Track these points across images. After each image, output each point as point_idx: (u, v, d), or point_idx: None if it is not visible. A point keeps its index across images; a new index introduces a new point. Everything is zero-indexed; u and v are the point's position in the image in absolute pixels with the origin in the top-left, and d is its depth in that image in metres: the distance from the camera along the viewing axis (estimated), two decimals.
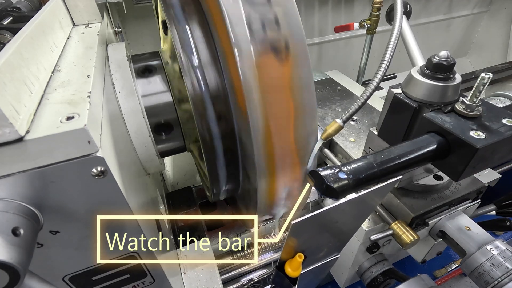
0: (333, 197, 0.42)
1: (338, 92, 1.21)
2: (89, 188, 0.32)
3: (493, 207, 0.97)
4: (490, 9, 2.05)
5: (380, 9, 1.26)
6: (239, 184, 0.57)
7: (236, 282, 0.95)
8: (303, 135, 0.43)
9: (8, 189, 0.28)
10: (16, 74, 0.29)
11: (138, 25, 1.24)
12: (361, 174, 0.42)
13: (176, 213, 0.92)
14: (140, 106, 0.51)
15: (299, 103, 0.41)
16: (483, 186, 0.78)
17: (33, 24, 0.37)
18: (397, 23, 0.41)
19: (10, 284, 0.24)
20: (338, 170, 0.43)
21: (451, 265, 1.12)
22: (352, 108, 0.39)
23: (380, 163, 0.43)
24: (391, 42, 0.38)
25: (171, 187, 1.10)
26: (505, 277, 0.63)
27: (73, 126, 0.28)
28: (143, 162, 0.56)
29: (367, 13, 1.31)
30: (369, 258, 0.84)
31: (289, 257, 0.48)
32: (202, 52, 0.47)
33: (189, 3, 0.49)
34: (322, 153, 0.96)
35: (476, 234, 0.72)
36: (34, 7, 0.63)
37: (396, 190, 0.76)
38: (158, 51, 0.61)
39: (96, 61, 0.42)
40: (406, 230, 0.70)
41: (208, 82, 0.47)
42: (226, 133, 0.49)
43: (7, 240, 0.25)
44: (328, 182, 0.42)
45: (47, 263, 0.36)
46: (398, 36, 0.39)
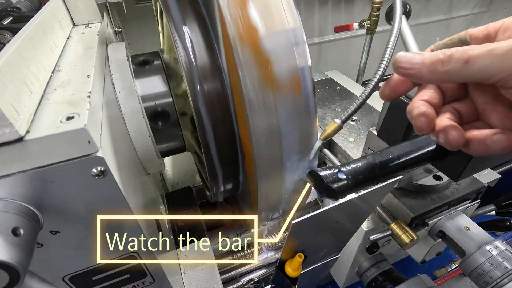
0: (332, 197, 0.42)
1: (337, 92, 1.21)
2: (89, 188, 0.32)
3: (492, 207, 0.97)
4: (490, 9, 2.06)
5: (380, 9, 1.26)
6: (239, 184, 0.57)
7: (236, 282, 0.95)
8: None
9: (8, 189, 0.28)
10: (16, 74, 0.29)
11: (138, 25, 1.24)
12: (361, 175, 0.42)
13: (176, 213, 0.92)
14: (140, 106, 0.51)
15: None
16: (483, 186, 0.78)
17: (33, 24, 0.37)
18: (396, 23, 0.41)
19: (10, 284, 0.24)
20: (338, 170, 0.43)
21: (451, 265, 1.12)
22: (351, 108, 0.38)
23: (380, 163, 0.43)
24: (390, 42, 0.38)
25: (171, 187, 1.10)
26: (505, 277, 0.63)
27: (73, 126, 0.28)
28: (143, 162, 0.56)
29: (367, 13, 1.31)
30: (368, 258, 0.85)
31: (289, 257, 0.48)
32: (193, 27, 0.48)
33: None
34: (321, 153, 0.96)
35: (476, 234, 0.72)
36: (34, 7, 0.63)
37: (396, 190, 0.76)
38: (158, 51, 0.62)
39: (96, 61, 0.42)
40: (405, 230, 0.70)
41: (202, 61, 0.47)
42: (222, 114, 0.48)
43: (7, 240, 0.25)
44: (327, 182, 0.42)
45: (47, 263, 0.36)
46: (397, 36, 0.39)
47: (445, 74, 0.29)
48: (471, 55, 0.27)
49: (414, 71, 0.31)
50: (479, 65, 0.27)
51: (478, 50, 0.27)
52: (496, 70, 0.27)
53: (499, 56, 0.26)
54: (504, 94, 0.30)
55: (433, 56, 0.30)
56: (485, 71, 0.27)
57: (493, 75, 0.27)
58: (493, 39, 0.31)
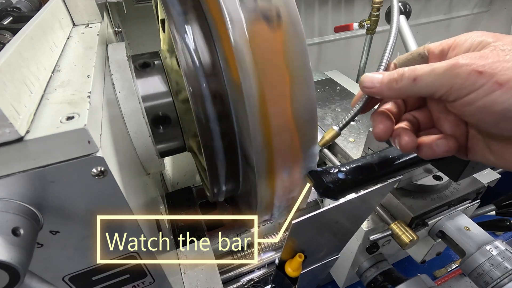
0: (332, 197, 0.42)
1: (337, 92, 1.21)
2: (89, 188, 0.32)
3: (492, 207, 0.97)
4: (490, 9, 2.05)
5: (380, 9, 1.26)
6: (239, 184, 0.57)
7: (236, 282, 0.95)
8: (300, 101, 0.42)
9: (8, 189, 0.28)
10: (16, 74, 0.29)
11: (138, 25, 1.24)
12: (360, 175, 0.42)
13: (176, 213, 0.92)
14: (140, 106, 0.51)
15: (293, 70, 0.41)
16: (483, 186, 0.78)
17: (33, 24, 0.37)
18: (393, 27, 0.41)
19: (10, 284, 0.24)
20: (337, 170, 0.43)
21: (451, 265, 1.12)
22: (349, 115, 0.39)
23: (380, 163, 0.43)
24: (387, 48, 0.39)
25: (171, 187, 1.10)
26: (505, 277, 0.63)
27: (73, 126, 0.28)
28: (143, 162, 0.56)
29: (367, 13, 1.31)
30: (368, 258, 0.85)
31: (289, 257, 0.48)
32: (196, 31, 0.47)
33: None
34: (321, 153, 0.96)
35: (476, 235, 0.72)
36: (34, 7, 0.63)
37: (396, 190, 0.76)
38: (158, 51, 0.62)
39: (96, 61, 0.42)
40: (405, 230, 0.70)
41: (202, 60, 0.47)
42: (222, 114, 0.48)
43: (7, 240, 0.25)
44: (327, 182, 0.42)
45: (47, 263, 0.36)
46: (395, 41, 0.40)
47: (399, 90, 0.33)
48: (417, 73, 0.31)
49: (375, 89, 0.35)
50: (424, 82, 0.31)
51: (423, 69, 0.31)
52: (438, 87, 0.30)
53: (439, 74, 0.30)
54: (448, 107, 0.33)
55: (390, 75, 0.34)
56: (429, 87, 0.31)
57: (436, 91, 0.31)
58: (445, 55, 0.34)
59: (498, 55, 0.28)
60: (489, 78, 0.27)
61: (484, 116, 0.29)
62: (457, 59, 0.29)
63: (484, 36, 0.31)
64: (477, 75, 0.28)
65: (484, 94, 0.28)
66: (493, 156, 0.33)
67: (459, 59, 0.29)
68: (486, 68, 0.28)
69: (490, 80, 0.27)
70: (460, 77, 0.29)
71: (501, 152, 0.32)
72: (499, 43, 0.29)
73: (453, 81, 0.29)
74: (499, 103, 0.27)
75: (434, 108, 0.38)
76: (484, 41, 0.31)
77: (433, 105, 0.38)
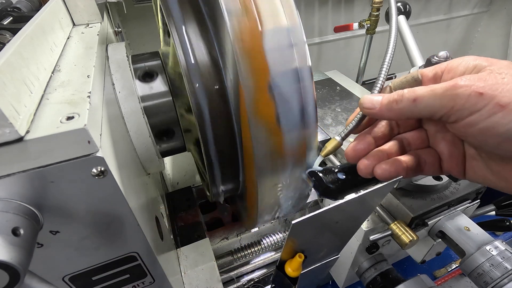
0: (331, 197, 0.42)
1: (337, 92, 1.21)
2: (89, 188, 0.32)
3: (492, 208, 0.97)
4: (490, 9, 2.06)
5: (380, 9, 1.26)
6: (239, 184, 0.57)
7: (236, 282, 0.95)
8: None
9: (8, 189, 0.28)
10: (16, 74, 0.29)
11: (138, 25, 1.24)
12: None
13: (176, 213, 0.92)
14: (140, 106, 0.51)
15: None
16: (483, 186, 0.78)
17: (33, 24, 0.37)
18: (393, 28, 0.42)
19: (10, 284, 0.24)
20: (337, 170, 0.43)
21: (451, 265, 1.12)
22: (351, 125, 0.40)
23: None
24: (388, 52, 0.39)
25: (171, 187, 1.10)
26: (505, 278, 0.63)
27: (73, 126, 0.28)
28: (143, 162, 0.56)
29: (367, 13, 1.31)
30: (368, 258, 0.85)
31: (289, 257, 0.48)
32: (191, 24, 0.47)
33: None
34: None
35: (476, 235, 0.72)
36: (34, 7, 0.63)
37: (396, 190, 0.76)
38: (158, 51, 0.62)
39: (96, 61, 0.42)
40: (405, 231, 0.70)
41: (202, 59, 0.47)
42: (222, 114, 0.48)
43: (7, 240, 0.25)
44: (327, 182, 0.42)
45: (47, 263, 0.36)
46: (395, 44, 0.40)
47: (400, 111, 0.33)
48: (417, 94, 0.32)
49: (376, 111, 0.36)
50: (424, 103, 0.31)
51: (423, 90, 0.32)
52: (438, 107, 0.31)
53: (438, 95, 0.30)
54: (449, 128, 0.33)
55: (390, 96, 0.34)
56: (429, 108, 0.31)
57: (436, 112, 0.31)
58: (439, 78, 0.35)
59: (496, 77, 0.28)
60: (490, 100, 0.28)
61: (487, 138, 0.29)
62: (456, 81, 0.30)
63: (478, 60, 0.32)
64: (477, 96, 0.28)
65: (486, 116, 0.28)
66: (494, 177, 0.33)
67: (458, 80, 0.29)
68: (486, 90, 0.28)
69: (491, 102, 0.27)
70: (461, 97, 0.29)
71: (503, 173, 0.32)
72: (494, 67, 0.30)
73: (453, 101, 0.29)
74: (502, 125, 0.27)
75: (430, 128, 0.38)
76: (479, 65, 0.31)
77: (431, 126, 0.38)
